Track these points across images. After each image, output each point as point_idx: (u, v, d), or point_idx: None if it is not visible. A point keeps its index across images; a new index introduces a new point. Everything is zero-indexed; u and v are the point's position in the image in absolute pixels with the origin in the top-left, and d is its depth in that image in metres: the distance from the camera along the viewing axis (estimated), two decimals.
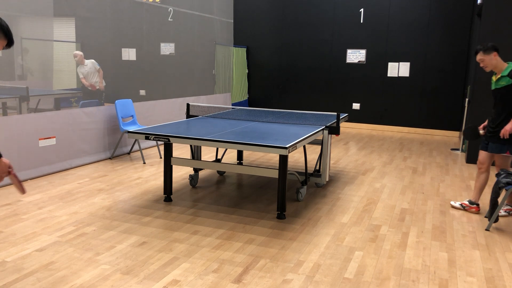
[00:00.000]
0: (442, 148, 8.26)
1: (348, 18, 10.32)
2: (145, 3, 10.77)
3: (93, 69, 8.59)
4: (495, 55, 4.26)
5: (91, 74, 8.58)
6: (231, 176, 5.85)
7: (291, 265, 3.31)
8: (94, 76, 8.60)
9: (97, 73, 8.61)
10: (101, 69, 8.66)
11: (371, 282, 3.09)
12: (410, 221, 4.30)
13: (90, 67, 8.58)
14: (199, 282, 3.02)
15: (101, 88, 8.67)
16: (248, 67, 11.52)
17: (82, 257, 3.35)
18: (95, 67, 8.60)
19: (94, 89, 8.54)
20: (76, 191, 4.98)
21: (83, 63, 8.55)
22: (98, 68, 8.63)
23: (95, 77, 8.61)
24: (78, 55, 8.49)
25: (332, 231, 4.01)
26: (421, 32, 9.75)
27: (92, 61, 8.67)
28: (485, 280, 3.18)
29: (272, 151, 3.89)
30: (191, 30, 10.51)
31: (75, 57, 8.52)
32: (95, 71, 8.60)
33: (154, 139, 4.31)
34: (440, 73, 9.72)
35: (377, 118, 10.38)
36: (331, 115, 6.09)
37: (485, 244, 3.82)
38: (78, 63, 8.58)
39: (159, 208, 4.49)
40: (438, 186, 5.60)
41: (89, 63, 8.61)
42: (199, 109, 6.04)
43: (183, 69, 10.96)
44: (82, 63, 8.54)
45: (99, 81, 8.63)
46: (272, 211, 4.48)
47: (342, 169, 6.39)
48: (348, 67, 10.49)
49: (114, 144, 6.76)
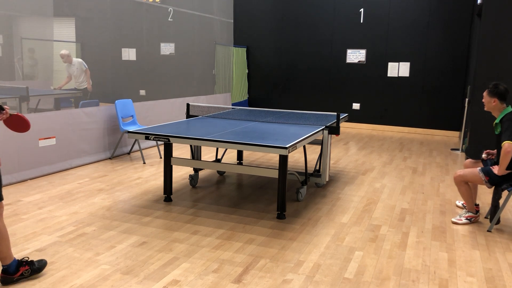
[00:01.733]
0: (442, 148, 8.26)
1: (348, 18, 10.32)
2: (145, 3, 10.76)
3: (80, 69, 8.58)
4: (495, 101, 4.09)
5: (78, 74, 8.61)
6: (231, 176, 5.85)
7: (291, 265, 3.31)
8: (80, 76, 8.62)
9: (84, 73, 8.62)
10: (88, 70, 8.66)
11: (371, 282, 3.09)
12: (410, 221, 4.30)
13: (77, 67, 8.58)
14: (199, 282, 3.02)
15: (89, 88, 8.67)
16: (248, 67, 11.52)
17: (82, 257, 3.35)
18: (82, 67, 8.58)
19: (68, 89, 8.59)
20: (76, 191, 4.98)
21: (71, 62, 8.56)
22: (85, 68, 8.63)
23: (81, 77, 8.63)
24: (65, 55, 8.46)
25: (332, 231, 4.01)
26: (421, 32, 9.75)
27: (79, 60, 8.66)
28: (485, 280, 3.18)
29: (272, 151, 3.89)
30: (191, 30, 10.50)
31: (62, 57, 8.50)
32: (82, 71, 8.60)
33: (154, 139, 4.31)
34: (440, 73, 9.72)
35: (377, 118, 10.38)
36: (331, 115, 6.09)
37: (485, 244, 3.82)
38: (66, 62, 8.59)
39: (159, 208, 4.49)
40: (438, 186, 5.60)
41: (76, 63, 8.59)
42: (199, 109, 6.04)
43: (183, 69, 10.96)
44: (70, 62, 8.55)
45: (87, 81, 8.64)
46: (272, 211, 4.48)
47: (342, 169, 6.39)
48: (348, 67, 10.49)
49: (114, 144, 6.76)
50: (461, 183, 4.24)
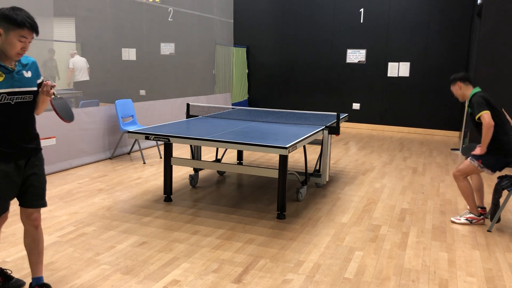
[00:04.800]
0: (442, 148, 8.26)
1: (348, 18, 10.32)
2: (145, 3, 10.76)
3: (84, 63, 8.93)
4: (459, 85, 4.22)
5: (81, 67, 8.91)
6: (231, 176, 5.85)
7: (291, 265, 3.31)
8: (82, 69, 8.98)
9: (86, 69, 8.95)
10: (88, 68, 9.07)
11: (371, 282, 3.09)
12: (410, 221, 4.30)
13: (82, 61, 8.89)
14: (199, 282, 3.02)
15: None
16: (248, 67, 11.52)
17: (82, 257, 3.35)
18: (85, 64, 8.98)
19: None
20: (76, 191, 4.98)
21: (74, 57, 8.97)
22: (87, 66, 9.06)
23: (82, 71, 8.93)
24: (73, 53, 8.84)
25: (332, 231, 4.00)
26: (421, 32, 9.75)
27: (84, 59, 9.02)
28: (485, 280, 3.18)
29: (272, 151, 3.89)
30: (191, 30, 10.50)
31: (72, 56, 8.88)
32: (85, 66, 8.94)
33: (154, 139, 4.31)
34: (440, 73, 9.72)
35: (377, 118, 10.38)
36: (331, 115, 6.09)
37: (485, 244, 3.82)
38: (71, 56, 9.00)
39: (159, 208, 4.49)
40: (438, 186, 5.60)
41: (82, 59, 8.98)
42: (199, 109, 6.04)
43: (183, 69, 10.95)
44: (73, 57, 8.98)
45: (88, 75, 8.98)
46: (272, 211, 4.48)
47: (342, 169, 6.39)
48: (348, 67, 10.49)
49: (114, 144, 6.76)
50: (459, 179, 4.22)
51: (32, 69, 2.61)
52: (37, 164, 2.66)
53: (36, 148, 2.66)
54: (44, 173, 2.73)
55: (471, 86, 4.23)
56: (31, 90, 2.58)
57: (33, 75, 2.62)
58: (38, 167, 2.66)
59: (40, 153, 2.70)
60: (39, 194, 2.66)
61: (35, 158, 2.65)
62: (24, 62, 2.59)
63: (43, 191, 2.69)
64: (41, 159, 2.70)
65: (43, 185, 2.70)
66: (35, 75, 2.63)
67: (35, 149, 2.66)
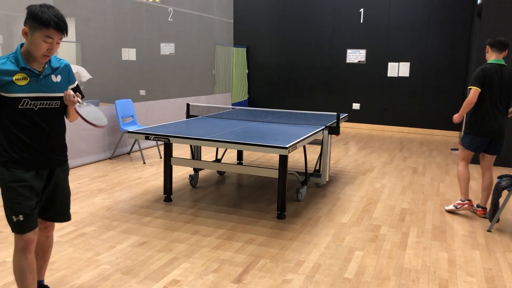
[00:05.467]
0: (442, 148, 8.26)
1: (348, 18, 10.32)
2: (145, 3, 10.76)
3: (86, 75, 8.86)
4: (487, 49, 4.35)
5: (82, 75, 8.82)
6: (231, 176, 5.85)
7: (291, 265, 3.31)
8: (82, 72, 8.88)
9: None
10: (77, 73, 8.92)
11: (371, 282, 3.09)
12: (410, 221, 4.30)
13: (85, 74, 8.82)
14: (199, 282, 3.02)
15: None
16: (248, 67, 11.52)
17: (82, 257, 3.35)
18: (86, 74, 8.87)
19: None
20: (76, 191, 4.98)
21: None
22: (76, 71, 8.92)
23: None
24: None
25: (332, 231, 4.00)
26: (421, 32, 9.75)
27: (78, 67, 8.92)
28: (485, 280, 3.18)
29: (272, 151, 3.89)
30: (191, 30, 10.50)
31: None
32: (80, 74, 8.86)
33: (154, 139, 4.31)
34: (440, 73, 9.72)
35: (377, 118, 10.38)
36: (331, 115, 6.09)
37: (485, 244, 3.82)
38: None
39: (159, 208, 4.49)
40: (438, 186, 5.60)
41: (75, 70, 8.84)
42: (199, 109, 6.04)
43: (183, 69, 10.95)
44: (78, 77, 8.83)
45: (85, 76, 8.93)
46: (272, 211, 4.48)
47: (342, 169, 6.39)
48: (348, 67, 10.49)
49: (114, 144, 6.76)
50: (458, 164, 4.51)
51: (63, 74, 2.42)
52: (62, 176, 2.52)
53: (62, 160, 2.50)
54: (69, 185, 2.61)
55: (494, 54, 4.29)
56: (57, 96, 2.37)
57: (63, 79, 2.41)
58: (63, 179, 2.53)
59: (66, 164, 2.55)
60: (63, 210, 2.56)
61: (60, 169, 2.50)
62: (55, 65, 2.39)
63: (67, 206, 2.58)
64: (66, 171, 2.56)
65: (68, 199, 2.58)
66: (65, 80, 2.43)
67: (61, 160, 2.50)
